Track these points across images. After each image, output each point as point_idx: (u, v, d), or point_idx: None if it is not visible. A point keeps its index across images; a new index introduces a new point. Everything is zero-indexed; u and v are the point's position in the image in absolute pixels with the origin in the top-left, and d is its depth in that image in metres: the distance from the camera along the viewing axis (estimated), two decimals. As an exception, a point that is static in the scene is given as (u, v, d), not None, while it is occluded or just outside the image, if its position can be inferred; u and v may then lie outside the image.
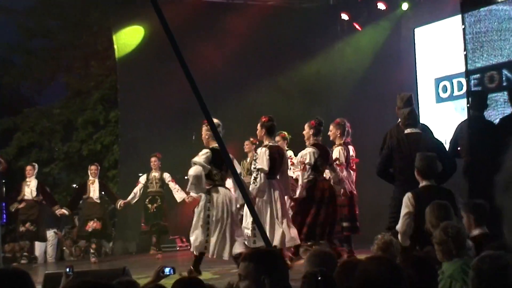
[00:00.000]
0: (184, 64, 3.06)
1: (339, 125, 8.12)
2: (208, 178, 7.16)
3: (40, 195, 10.61)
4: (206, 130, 7.25)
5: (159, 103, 12.21)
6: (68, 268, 4.40)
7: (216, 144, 6.56)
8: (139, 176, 10.91)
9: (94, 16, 16.38)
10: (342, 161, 7.91)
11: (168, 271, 4.12)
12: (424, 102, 10.42)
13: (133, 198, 10.56)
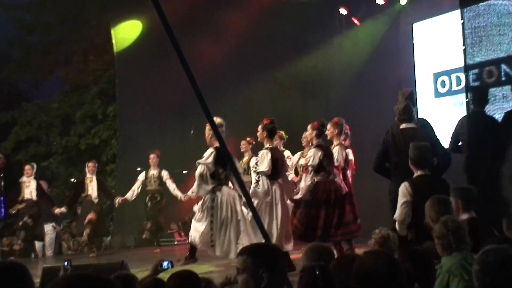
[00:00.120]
0: (183, 58, 3.04)
1: (337, 124, 8.09)
2: (213, 177, 7.09)
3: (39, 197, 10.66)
4: (208, 129, 7.17)
5: (157, 98, 12.21)
6: (66, 262, 4.41)
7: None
8: (137, 170, 10.89)
9: (92, 10, 16.35)
10: (340, 160, 7.86)
11: (166, 265, 4.13)
12: (422, 97, 10.42)
13: (131, 196, 10.55)
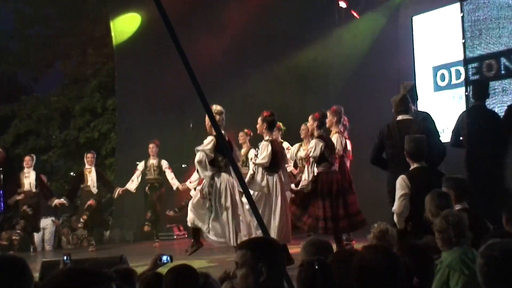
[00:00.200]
0: (182, 52, 3.04)
1: (336, 112, 8.11)
2: (212, 164, 7.14)
3: (38, 188, 10.67)
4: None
5: (157, 91, 12.20)
6: (65, 256, 4.41)
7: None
8: (137, 164, 10.89)
9: (91, 3, 16.30)
10: (339, 149, 7.87)
11: (165, 259, 4.13)
12: (422, 90, 10.37)
13: (132, 186, 10.54)
